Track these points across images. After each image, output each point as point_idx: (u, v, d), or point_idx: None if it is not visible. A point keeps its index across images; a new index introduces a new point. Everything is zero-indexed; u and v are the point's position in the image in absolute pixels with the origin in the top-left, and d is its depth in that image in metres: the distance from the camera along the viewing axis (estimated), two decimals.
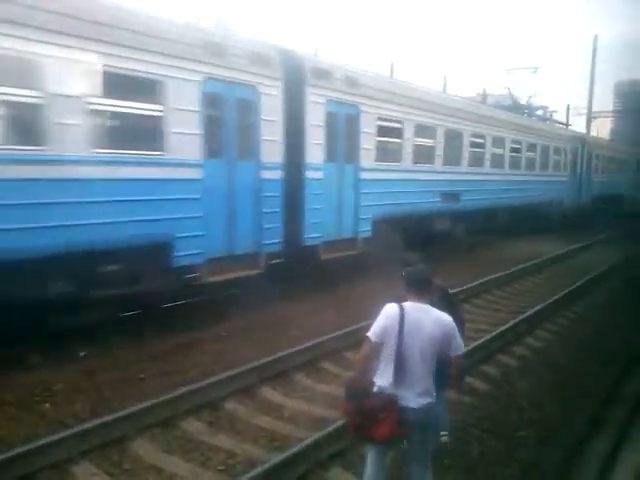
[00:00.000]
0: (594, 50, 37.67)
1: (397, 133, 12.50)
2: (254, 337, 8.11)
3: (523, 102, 24.50)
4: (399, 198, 12.33)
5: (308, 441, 4.99)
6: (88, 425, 5.19)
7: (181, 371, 7.02)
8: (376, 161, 11.76)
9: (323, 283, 10.66)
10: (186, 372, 6.97)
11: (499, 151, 17.27)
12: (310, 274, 10.66)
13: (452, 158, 14.70)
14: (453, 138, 14.64)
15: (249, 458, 5.05)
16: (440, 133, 14.04)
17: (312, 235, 10.28)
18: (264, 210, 9.28)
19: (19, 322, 6.49)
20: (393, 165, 12.45)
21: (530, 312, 9.77)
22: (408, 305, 3.78)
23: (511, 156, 18.05)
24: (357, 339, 6.33)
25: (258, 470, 4.50)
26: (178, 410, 5.79)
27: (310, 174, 10.20)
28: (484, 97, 17.30)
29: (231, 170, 8.84)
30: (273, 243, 9.52)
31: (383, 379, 3.77)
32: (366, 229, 11.50)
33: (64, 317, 7.08)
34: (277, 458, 4.71)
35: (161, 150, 7.70)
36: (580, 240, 19.57)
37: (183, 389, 6.08)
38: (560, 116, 29.96)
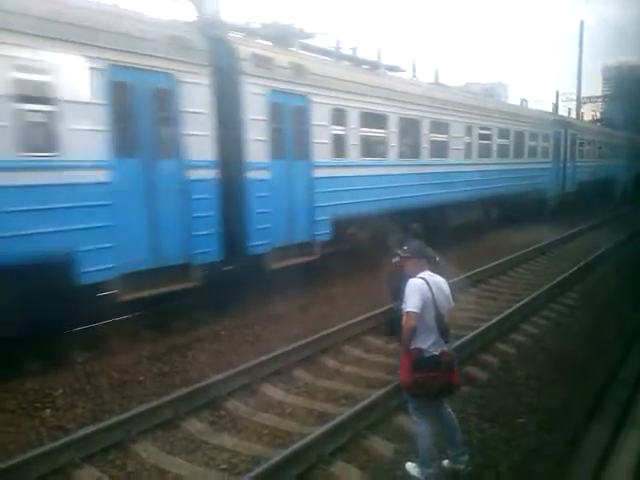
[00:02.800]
0: (581, 35, 37.76)
1: (588, 144, 27.12)
2: None
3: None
4: (593, 171, 27.48)
5: (310, 437, 5.01)
6: (90, 429, 5.20)
7: (180, 371, 7.04)
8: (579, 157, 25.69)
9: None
10: (186, 372, 6.99)
11: (608, 151, 31.37)
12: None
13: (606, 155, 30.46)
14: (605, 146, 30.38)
15: (252, 456, 5.07)
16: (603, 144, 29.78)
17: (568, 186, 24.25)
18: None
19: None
20: (588, 159, 27.17)
21: None
22: (425, 276, 4.46)
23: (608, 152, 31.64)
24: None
25: (262, 467, 4.52)
26: (179, 411, 5.80)
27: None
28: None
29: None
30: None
31: (429, 341, 4.38)
32: (576, 187, 25.04)
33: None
34: (280, 455, 4.73)
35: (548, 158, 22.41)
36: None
37: (183, 390, 6.10)
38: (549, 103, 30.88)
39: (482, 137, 16.79)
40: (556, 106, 30.48)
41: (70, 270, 6.70)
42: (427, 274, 4.50)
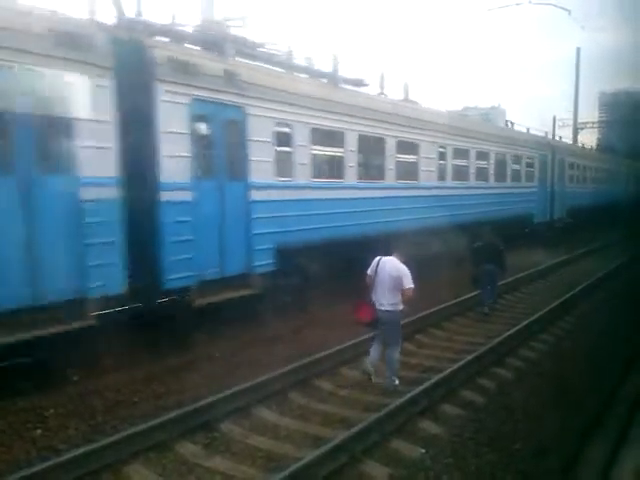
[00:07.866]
0: (577, 62, 38.24)
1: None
2: None
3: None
4: None
5: (305, 460, 4.94)
6: (81, 450, 5.11)
7: (175, 393, 6.95)
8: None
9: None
10: (180, 394, 6.90)
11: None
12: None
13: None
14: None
15: (246, 479, 4.98)
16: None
17: None
18: None
19: None
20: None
21: None
22: (385, 258, 7.17)
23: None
24: None
25: None
26: (173, 433, 5.72)
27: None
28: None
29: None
30: None
31: (372, 295, 7.09)
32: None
33: None
34: (274, 478, 4.65)
35: None
36: None
37: (177, 411, 6.02)
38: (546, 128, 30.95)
39: None
40: (553, 132, 30.80)
41: None
42: (388, 258, 7.13)
